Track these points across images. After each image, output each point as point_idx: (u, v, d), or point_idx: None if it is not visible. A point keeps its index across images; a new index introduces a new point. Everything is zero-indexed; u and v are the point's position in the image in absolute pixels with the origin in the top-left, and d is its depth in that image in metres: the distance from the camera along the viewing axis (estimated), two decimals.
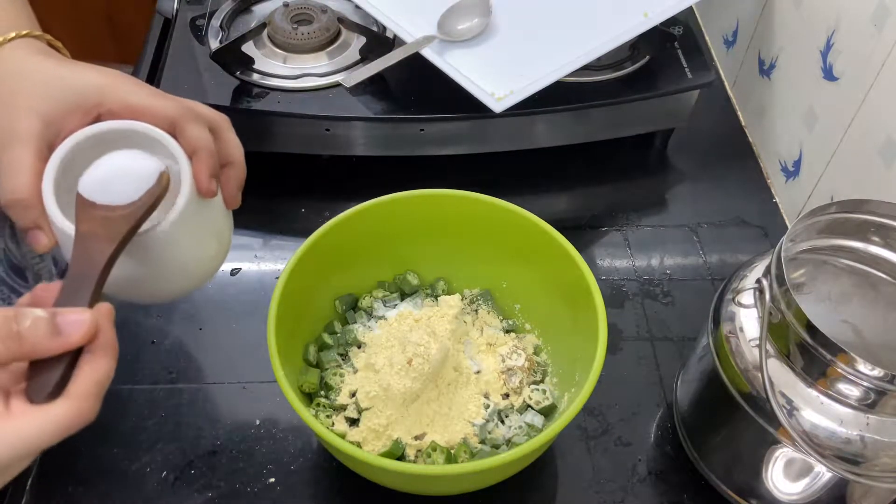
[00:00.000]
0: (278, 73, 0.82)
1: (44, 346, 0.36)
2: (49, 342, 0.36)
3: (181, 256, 0.51)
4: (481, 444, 0.63)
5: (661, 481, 0.66)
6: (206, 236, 0.53)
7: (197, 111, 0.51)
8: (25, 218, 0.47)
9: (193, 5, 0.89)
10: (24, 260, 0.62)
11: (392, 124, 0.82)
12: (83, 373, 0.37)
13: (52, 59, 0.51)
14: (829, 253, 0.60)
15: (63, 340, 0.37)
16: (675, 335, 0.76)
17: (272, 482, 0.64)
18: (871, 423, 0.52)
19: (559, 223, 0.66)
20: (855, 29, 0.73)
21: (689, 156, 0.94)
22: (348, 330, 0.69)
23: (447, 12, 0.81)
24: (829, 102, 0.78)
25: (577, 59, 0.78)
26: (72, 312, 0.38)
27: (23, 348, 0.36)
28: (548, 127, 0.86)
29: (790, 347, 0.54)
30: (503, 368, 0.67)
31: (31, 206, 0.46)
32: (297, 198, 0.86)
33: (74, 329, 0.37)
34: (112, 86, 0.50)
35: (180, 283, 0.53)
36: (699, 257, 0.83)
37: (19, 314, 0.36)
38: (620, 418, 0.70)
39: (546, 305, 0.69)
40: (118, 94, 0.49)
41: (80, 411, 0.37)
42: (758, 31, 0.93)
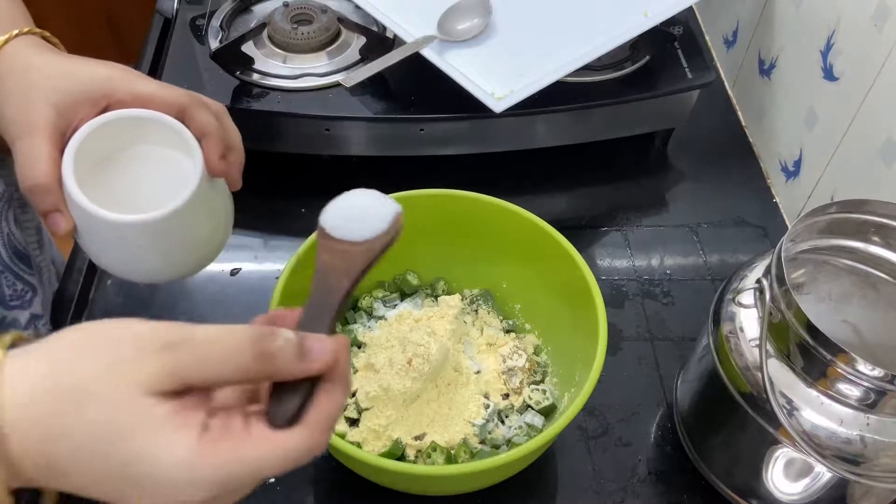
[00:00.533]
0: (278, 73, 0.82)
1: (291, 368, 0.36)
2: (295, 365, 0.36)
3: (194, 234, 0.54)
4: (481, 444, 0.63)
5: (661, 481, 0.66)
6: (215, 215, 0.55)
7: (202, 99, 0.54)
8: (45, 202, 0.49)
9: (193, 5, 0.89)
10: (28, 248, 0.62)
11: (392, 124, 0.82)
12: (320, 403, 0.37)
13: (58, 54, 0.53)
14: (830, 253, 0.60)
15: (307, 366, 0.37)
16: (675, 335, 0.76)
17: (272, 482, 0.64)
18: (871, 423, 0.52)
19: (559, 223, 0.66)
20: (855, 29, 0.73)
21: (689, 156, 0.94)
22: (348, 330, 0.69)
23: (447, 12, 0.81)
24: (829, 102, 0.78)
25: (577, 59, 0.78)
26: (317, 339, 0.37)
27: (272, 368, 0.36)
28: (548, 127, 0.86)
29: (790, 347, 0.54)
30: (504, 369, 0.67)
31: (50, 190, 0.49)
32: (297, 198, 0.86)
33: (318, 355, 0.37)
34: (119, 77, 0.52)
35: (191, 261, 0.56)
36: (699, 257, 0.83)
37: (272, 333, 0.36)
38: (620, 418, 0.70)
39: (546, 305, 0.69)
40: (126, 84, 0.52)
41: (315, 442, 0.36)
42: (758, 31, 0.93)
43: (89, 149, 0.51)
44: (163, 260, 0.54)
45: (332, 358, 0.37)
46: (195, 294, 0.77)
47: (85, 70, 0.52)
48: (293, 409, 0.36)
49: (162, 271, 0.55)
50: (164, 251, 0.53)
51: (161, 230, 0.51)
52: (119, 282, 0.78)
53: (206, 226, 0.55)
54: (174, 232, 0.52)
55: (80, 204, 0.49)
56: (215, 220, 0.56)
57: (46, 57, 0.52)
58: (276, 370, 0.36)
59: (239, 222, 0.88)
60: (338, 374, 0.38)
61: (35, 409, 0.34)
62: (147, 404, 0.34)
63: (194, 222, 0.53)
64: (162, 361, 0.34)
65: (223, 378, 0.35)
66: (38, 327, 0.63)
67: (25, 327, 0.61)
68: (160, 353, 0.34)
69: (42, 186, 0.49)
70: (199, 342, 0.35)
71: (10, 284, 0.59)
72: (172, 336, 0.35)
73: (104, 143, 0.52)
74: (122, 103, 0.52)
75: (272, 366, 0.36)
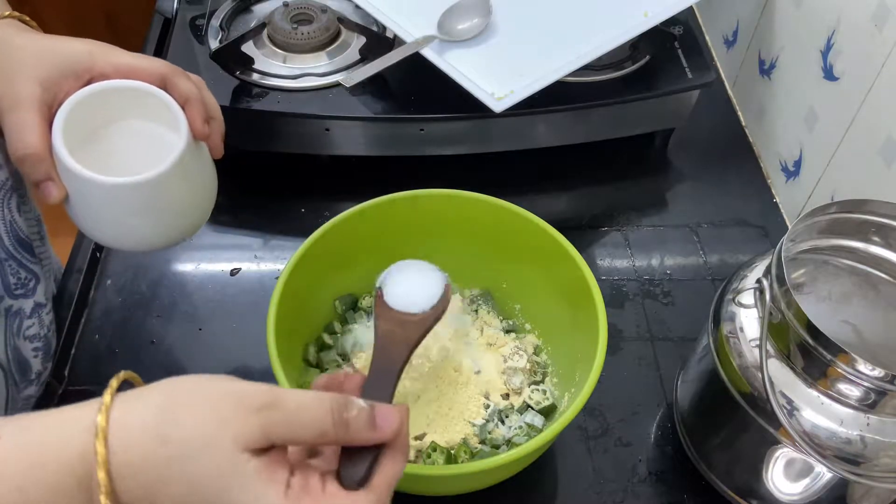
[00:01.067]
0: (278, 73, 0.82)
1: (362, 435, 0.39)
2: (366, 433, 0.40)
3: (182, 197, 0.56)
4: (481, 444, 0.63)
5: (661, 481, 0.66)
6: (200, 179, 0.58)
7: (181, 69, 0.57)
8: (38, 171, 0.52)
9: (193, 5, 0.89)
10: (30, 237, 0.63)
11: (392, 124, 0.82)
12: (385, 468, 0.40)
13: (39, 34, 0.56)
14: (830, 253, 0.60)
15: (377, 434, 0.40)
16: (675, 335, 0.76)
17: None
18: (871, 423, 0.52)
19: (559, 223, 0.66)
20: (855, 29, 0.73)
21: (689, 156, 0.94)
22: (348, 330, 0.69)
23: (447, 12, 0.81)
24: (829, 102, 0.78)
25: (577, 58, 0.78)
26: (386, 410, 0.41)
27: (346, 434, 0.39)
28: (548, 127, 0.86)
29: (790, 347, 0.54)
30: (504, 369, 0.67)
31: (42, 159, 0.51)
32: (297, 198, 0.86)
33: (387, 425, 0.40)
34: (100, 51, 0.55)
35: (179, 226, 0.58)
36: (699, 257, 0.83)
37: (346, 404, 0.39)
38: (620, 418, 0.70)
39: (546, 305, 0.69)
40: (107, 57, 0.55)
41: (378, 503, 0.40)
42: (758, 31, 0.93)
43: (76, 121, 0.53)
44: (152, 225, 0.56)
45: (399, 428, 0.41)
46: (195, 294, 0.77)
47: (67, 46, 0.54)
48: (362, 473, 0.40)
49: (151, 237, 0.57)
50: (153, 215, 0.55)
51: (151, 192, 0.53)
52: (119, 282, 0.78)
53: (194, 189, 0.57)
54: (163, 195, 0.54)
55: (73, 170, 0.51)
56: (202, 185, 0.58)
57: (29, 36, 0.54)
58: (349, 436, 0.39)
59: (239, 222, 0.88)
60: (400, 441, 0.41)
61: (143, 456, 0.36)
62: (244, 459, 0.36)
63: (183, 185, 0.55)
64: (259, 420, 0.37)
65: (304, 440, 0.39)
66: (41, 316, 0.64)
67: (30, 316, 0.62)
68: (257, 413, 0.37)
69: (34, 156, 0.51)
70: (289, 406, 0.38)
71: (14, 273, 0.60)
72: (266, 398, 0.38)
73: (90, 116, 0.54)
74: (105, 76, 0.54)
75: (347, 432, 0.39)
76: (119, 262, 0.80)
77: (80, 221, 0.56)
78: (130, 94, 0.55)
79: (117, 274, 0.79)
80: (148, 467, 0.36)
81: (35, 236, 0.65)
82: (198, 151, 0.57)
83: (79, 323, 0.74)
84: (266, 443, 0.37)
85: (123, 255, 0.80)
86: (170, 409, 0.37)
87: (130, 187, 0.52)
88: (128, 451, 0.36)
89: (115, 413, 0.37)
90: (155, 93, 0.55)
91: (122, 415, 0.37)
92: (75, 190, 0.53)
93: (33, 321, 0.63)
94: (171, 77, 0.55)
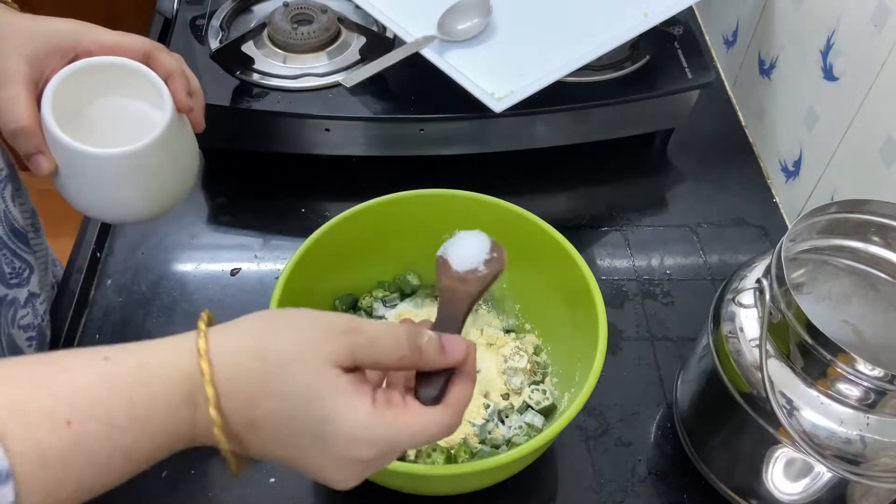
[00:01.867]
0: (278, 73, 0.82)
1: (434, 359, 0.43)
2: (438, 357, 0.43)
3: (168, 167, 0.59)
4: (481, 444, 0.63)
5: (661, 481, 0.66)
6: (183, 151, 0.61)
7: (163, 46, 0.59)
8: (29, 143, 0.54)
9: (193, 5, 0.89)
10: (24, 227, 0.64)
11: (392, 124, 0.82)
12: (456, 390, 0.44)
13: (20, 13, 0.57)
14: (829, 253, 0.60)
15: (447, 358, 0.43)
16: (675, 335, 0.76)
17: (272, 482, 0.64)
18: (871, 423, 0.52)
19: (559, 223, 0.66)
20: (855, 29, 0.73)
21: (689, 156, 0.94)
22: None
23: (447, 12, 0.81)
24: (829, 102, 0.78)
25: (577, 58, 0.78)
26: (453, 338, 0.44)
27: (421, 359, 0.42)
28: (548, 127, 0.86)
29: (790, 347, 0.54)
30: (505, 369, 0.67)
31: (33, 132, 0.53)
32: (297, 198, 0.86)
33: (455, 351, 0.44)
34: (84, 29, 0.57)
35: (164, 196, 0.60)
36: (699, 257, 0.83)
37: (418, 332, 0.43)
38: (620, 418, 0.70)
39: (546, 305, 0.69)
40: (91, 35, 0.57)
41: (453, 419, 0.43)
42: (758, 31, 0.93)
43: (62, 97, 0.55)
44: (139, 195, 0.58)
45: (465, 354, 0.44)
46: (195, 294, 0.77)
47: (52, 24, 0.56)
48: (437, 392, 0.43)
49: (138, 208, 0.59)
50: (140, 186, 0.58)
51: (139, 163, 0.56)
52: (119, 282, 0.78)
53: (178, 161, 0.60)
54: (150, 165, 0.57)
55: (62, 142, 0.53)
56: (185, 156, 0.61)
57: (12, 15, 0.56)
58: (423, 361, 0.43)
59: (239, 222, 0.88)
60: (468, 368, 0.45)
61: (244, 372, 0.39)
62: (334, 374, 0.39)
63: (168, 156, 0.58)
64: (346, 341, 0.40)
65: (384, 362, 0.42)
66: (35, 306, 0.64)
67: (24, 305, 0.62)
68: (344, 335, 0.40)
69: (25, 129, 0.53)
70: (371, 332, 0.41)
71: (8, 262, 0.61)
72: (351, 325, 0.41)
73: (76, 93, 0.56)
74: (90, 53, 0.56)
75: (420, 357, 0.42)
76: (119, 262, 0.80)
77: (69, 194, 0.58)
78: (115, 70, 0.57)
79: (117, 274, 0.79)
80: (247, 382, 0.39)
81: (29, 227, 0.65)
82: (181, 124, 0.59)
83: (79, 323, 0.74)
84: (352, 362, 0.40)
85: (123, 255, 0.80)
86: (264, 332, 0.41)
87: (119, 158, 0.55)
88: (228, 368, 0.39)
89: (213, 338, 0.39)
90: (139, 69, 0.57)
91: (221, 339, 0.40)
92: (65, 162, 0.55)
93: (27, 311, 0.63)
94: (154, 53, 0.58)
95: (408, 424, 0.41)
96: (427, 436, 0.42)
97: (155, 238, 0.82)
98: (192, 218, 0.84)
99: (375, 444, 0.40)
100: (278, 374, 0.39)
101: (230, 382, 0.39)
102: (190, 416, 0.38)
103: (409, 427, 0.41)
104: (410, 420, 0.41)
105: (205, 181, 0.87)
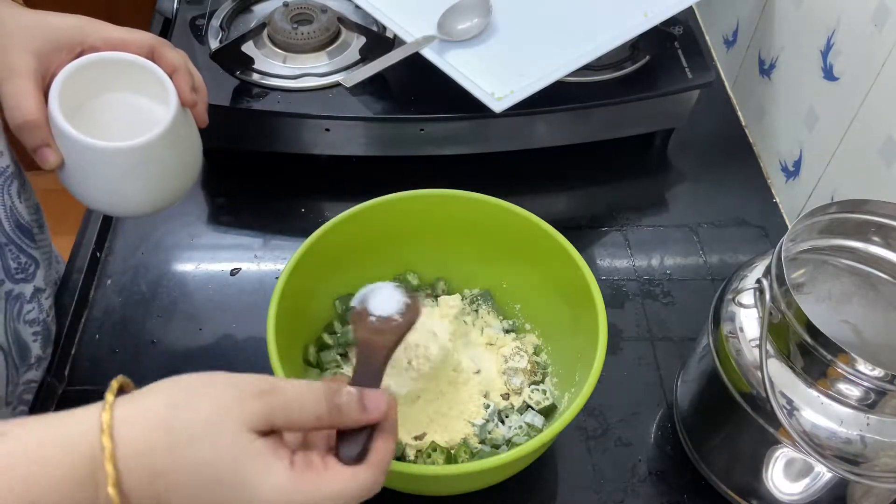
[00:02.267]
0: (278, 73, 0.82)
1: (354, 417, 0.42)
2: (358, 415, 0.42)
3: (173, 161, 0.59)
4: (481, 444, 0.63)
5: (661, 481, 0.66)
6: (187, 146, 0.61)
7: (168, 42, 0.60)
8: (35, 137, 0.54)
9: (193, 5, 0.89)
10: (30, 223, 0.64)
11: (392, 124, 0.82)
12: (379, 447, 0.43)
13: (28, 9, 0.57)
14: (830, 253, 0.60)
15: (368, 415, 0.43)
16: (675, 335, 0.76)
17: None
18: (871, 423, 0.52)
19: (559, 223, 0.66)
20: (855, 29, 0.73)
21: (689, 156, 0.94)
22: (348, 330, 0.69)
23: (447, 12, 0.81)
24: (829, 102, 0.78)
25: (577, 58, 0.78)
26: (374, 393, 0.44)
27: (341, 417, 0.42)
28: (548, 127, 0.86)
29: (790, 347, 0.54)
30: (505, 369, 0.67)
31: (39, 125, 0.54)
32: (297, 198, 0.86)
33: (376, 407, 0.43)
34: (90, 26, 0.57)
35: (168, 189, 0.61)
36: (699, 257, 0.83)
37: (337, 390, 0.42)
38: (620, 418, 0.70)
39: (546, 305, 0.69)
40: (97, 31, 0.57)
41: (376, 478, 0.42)
42: (758, 31, 0.93)
43: (68, 92, 0.55)
44: (144, 189, 0.59)
45: (386, 409, 0.43)
46: (195, 294, 0.77)
47: (58, 19, 0.56)
48: (359, 449, 0.43)
49: (143, 201, 0.60)
50: (145, 179, 0.58)
51: (144, 157, 0.56)
52: (119, 282, 0.78)
53: (183, 154, 0.61)
54: (155, 159, 0.57)
55: (70, 135, 0.54)
56: (189, 151, 0.62)
57: (19, 10, 0.56)
58: (343, 419, 0.42)
59: (239, 222, 0.88)
60: (389, 424, 0.44)
61: (149, 446, 0.37)
62: (249, 439, 0.39)
63: (173, 150, 0.58)
64: (260, 404, 0.39)
65: (302, 423, 0.41)
66: (40, 301, 0.64)
67: (30, 300, 0.63)
68: (257, 398, 0.39)
69: (32, 122, 0.53)
70: (287, 393, 0.40)
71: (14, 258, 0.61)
72: (265, 385, 0.40)
73: (81, 87, 0.56)
74: (95, 48, 0.57)
75: (340, 415, 0.42)
76: (119, 262, 0.80)
77: (74, 187, 0.58)
78: (120, 65, 0.58)
79: (117, 274, 0.79)
80: (152, 457, 0.37)
81: (34, 223, 0.66)
82: (185, 119, 0.60)
83: (79, 323, 0.74)
84: (267, 425, 0.39)
85: (123, 255, 0.80)
86: (173, 401, 0.39)
87: (125, 152, 0.55)
88: (133, 443, 0.37)
89: (119, 410, 0.38)
90: (145, 64, 0.58)
91: (126, 411, 0.38)
92: (71, 156, 0.55)
93: (33, 305, 0.64)
94: (159, 48, 0.58)
95: (328, 486, 0.40)
96: (348, 497, 0.41)
97: (155, 238, 0.82)
98: (192, 218, 0.84)
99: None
100: (188, 444, 0.37)
101: (134, 458, 0.37)
102: (91, 497, 0.37)
103: (330, 488, 0.40)
104: (331, 482, 0.40)
105: (205, 181, 0.87)
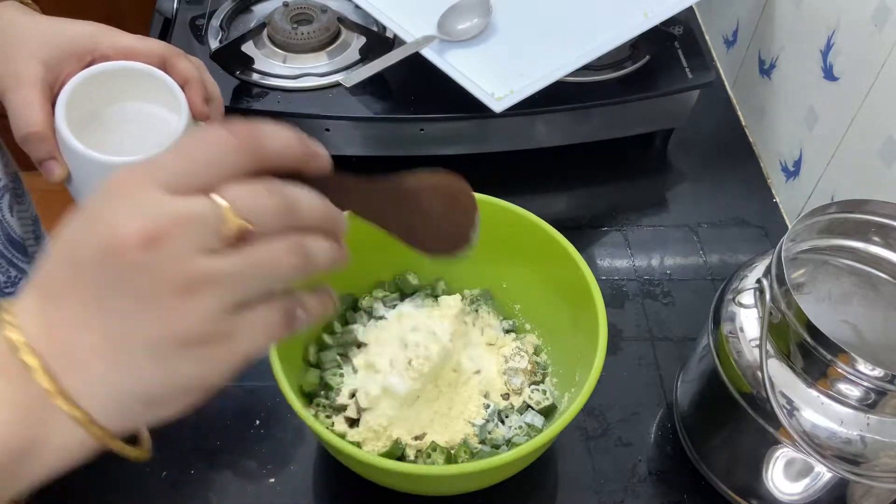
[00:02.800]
0: (278, 73, 0.82)
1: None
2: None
3: None
4: (481, 444, 0.63)
5: (661, 481, 0.66)
6: None
7: (181, 51, 0.58)
8: (41, 149, 0.52)
9: (193, 5, 0.89)
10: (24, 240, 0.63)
11: (392, 124, 0.82)
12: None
13: (41, 15, 0.56)
14: (830, 253, 0.60)
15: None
16: (675, 335, 0.76)
17: (272, 482, 0.64)
18: (871, 423, 0.52)
19: (559, 223, 0.66)
20: (855, 29, 0.73)
21: (689, 156, 0.94)
22: (348, 330, 0.69)
23: (447, 12, 0.81)
24: (829, 102, 0.78)
25: (577, 58, 0.78)
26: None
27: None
28: (548, 127, 0.86)
29: (790, 347, 0.54)
30: (505, 369, 0.67)
31: (45, 138, 0.52)
32: None
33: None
34: (102, 33, 0.56)
35: None
36: (699, 257, 0.83)
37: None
38: (620, 418, 0.70)
39: (546, 305, 0.69)
40: (109, 39, 0.56)
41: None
42: (758, 31, 0.93)
43: (77, 102, 0.54)
44: None
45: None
46: None
47: (69, 27, 0.55)
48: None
49: None
50: None
51: None
52: None
53: None
54: None
55: (75, 149, 0.52)
56: None
57: (31, 16, 0.55)
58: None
59: None
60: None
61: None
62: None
63: None
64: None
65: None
66: None
67: None
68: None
69: (37, 134, 0.52)
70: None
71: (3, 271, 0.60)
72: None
73: (91, 97, 0.55)
74: (106, 57, 0.55)
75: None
76: None
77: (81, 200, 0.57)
78: (131, 75, 0.56)
79: None
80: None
81: (29, 236, 0.65)
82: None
83: None
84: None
85: None
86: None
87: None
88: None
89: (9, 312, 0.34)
90: (156, 74, 0.56)
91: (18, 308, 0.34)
92: (77, 169, 0.54)
93: None
94: (171, 58, 0.57)
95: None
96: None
97: None
98: None
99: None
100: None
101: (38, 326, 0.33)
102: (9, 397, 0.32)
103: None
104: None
105: None
